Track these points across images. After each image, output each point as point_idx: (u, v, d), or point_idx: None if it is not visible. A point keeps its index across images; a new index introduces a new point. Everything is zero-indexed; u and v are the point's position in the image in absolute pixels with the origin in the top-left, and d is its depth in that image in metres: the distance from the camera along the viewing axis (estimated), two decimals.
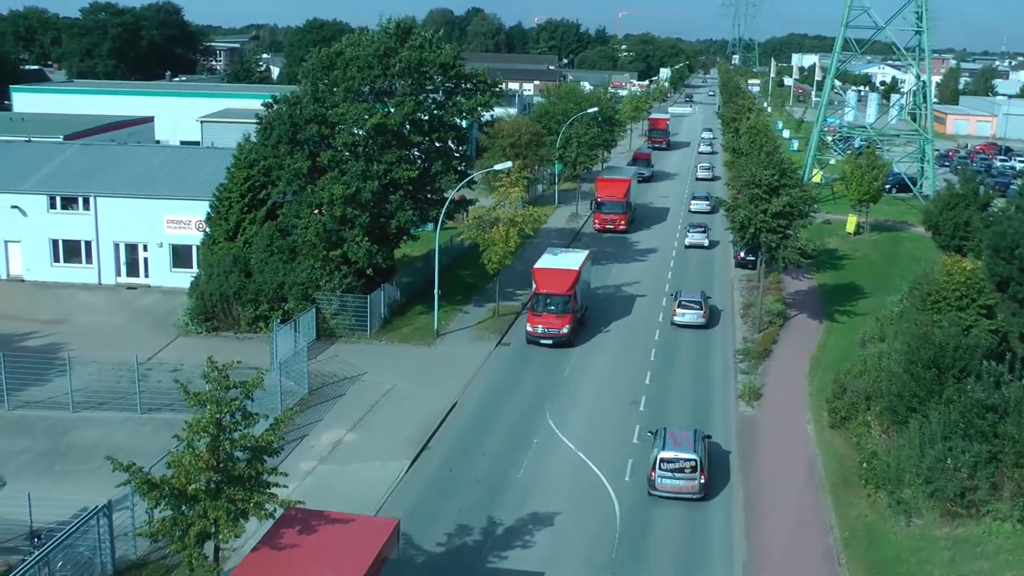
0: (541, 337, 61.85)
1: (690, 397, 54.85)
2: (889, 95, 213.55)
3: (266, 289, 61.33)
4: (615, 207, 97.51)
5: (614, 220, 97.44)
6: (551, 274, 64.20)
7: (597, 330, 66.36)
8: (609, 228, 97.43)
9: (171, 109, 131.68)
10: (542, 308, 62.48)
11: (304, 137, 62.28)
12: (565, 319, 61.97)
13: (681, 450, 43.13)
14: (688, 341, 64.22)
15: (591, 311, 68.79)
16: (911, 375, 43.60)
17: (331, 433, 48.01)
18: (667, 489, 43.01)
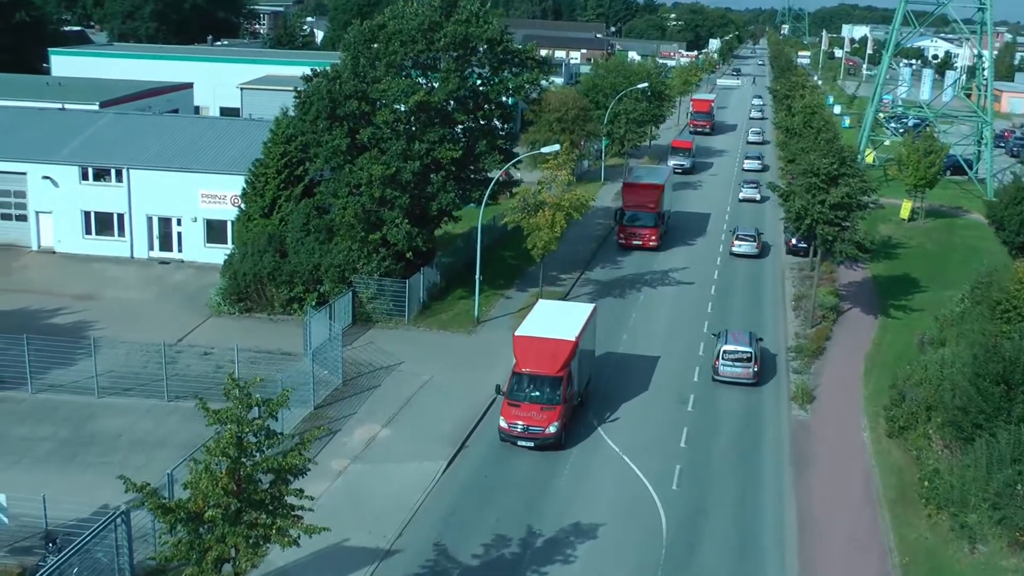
0: (519, 437, 45.02)
1: (740, 400, 52.35)
2: (943, 70, 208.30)
3: (301, 270, 59.35)
4: (644, 219, 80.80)
5: (643, 235, 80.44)
6: (537, 346, 46.70)
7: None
8: (636, 244, 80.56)
9: (211, 75, 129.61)
10: (522, 395, 45.89)
11: (343, 113, 60.10)
12: (552, 413, 44.97)
13: (740, 345, 53.86)
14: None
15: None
16: (978, 389, 41.00)
17: (365, 429, 45.99)
18: (728, 375, 53.63)
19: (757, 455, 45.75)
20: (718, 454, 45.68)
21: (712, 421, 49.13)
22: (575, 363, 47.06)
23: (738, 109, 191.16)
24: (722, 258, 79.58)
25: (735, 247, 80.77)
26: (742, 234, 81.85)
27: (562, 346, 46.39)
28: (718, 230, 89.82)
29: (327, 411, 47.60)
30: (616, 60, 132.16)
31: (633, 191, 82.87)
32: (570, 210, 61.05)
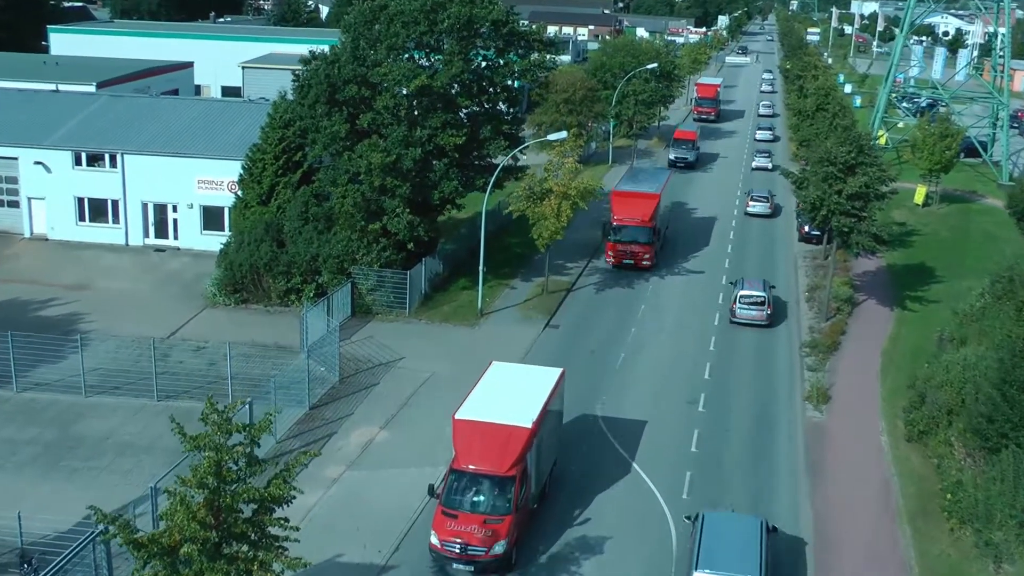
0: (456, 559, 34.53)
1: (753, 399, 50.45)
2: (955, 48, 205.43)
3: (299, 261, 57.49)
4: (637, 234, 68.14)
5: (635, 253, 68.15)
6: (482, 433, 36.31)
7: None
8: (628, 264, 68.82)
9: (213, 53, 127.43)
10: (459, 501, 35.53)
11: (343, 98, 58.02)
12: (500, 528, 34.53)
13: (754, 290, 60.49)
14: (747, 341, 59.74)
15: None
16: (1004, 396, 38.96)
17: (361, 431, 44.10)
18: (743, 317, 59.99)
19: (771, 460, 43.88)
20: (730, 460, 43.73)
21: (724, 421, 47.22)
22: (532, 455, 36.54)
23: (747, 88, 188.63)
24: (730, 259, 77.42)
25: (749, 207, 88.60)
26: (756, 195, 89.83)
27: (514, 437, 35.86)
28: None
29: (323, 411, 45.79)
30: (624, 39, 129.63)
31: (624, 202, 69.69)
32: (576, 199, 59.05)
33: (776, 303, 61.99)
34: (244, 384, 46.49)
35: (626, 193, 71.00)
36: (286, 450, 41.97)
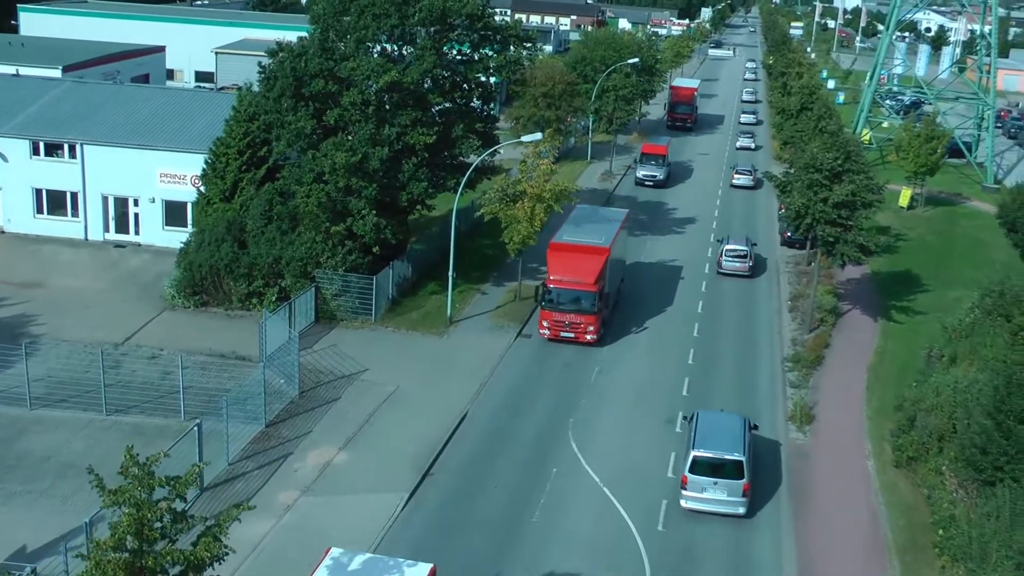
0: None
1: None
2: (940, 46, 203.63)
3: (261, 263, 54.91)
4: (578, 301, 53.66)
5: (576, 325, 53.64)
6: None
7: None
8: (567, 337, 54.21)
9: (186, 38, 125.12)
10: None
11: (309, 92, 55.33)
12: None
13: (738, 244, 69.59)
14: (728, 354, 57.53)
15: None
16: (998, 427, 36.83)
17: (319, 452, 41.59)
18: (729, 268, 68.77)
19: (753, 487, 41.52)
20: None
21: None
22: None
23: (729, 83, 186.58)
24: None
25: (735, 180, 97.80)
26: (741, 168, 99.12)
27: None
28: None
29: (280, 429, 43.25)
30: (606, 32, 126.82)
31: (562, 259, 54.85)
32: (551, 202, 56.66)
33: (757, 259, 71.33)
34: (198, 398, 44.00)
35: (565, 247, 55.75)
36: (239, 472, 39.55)
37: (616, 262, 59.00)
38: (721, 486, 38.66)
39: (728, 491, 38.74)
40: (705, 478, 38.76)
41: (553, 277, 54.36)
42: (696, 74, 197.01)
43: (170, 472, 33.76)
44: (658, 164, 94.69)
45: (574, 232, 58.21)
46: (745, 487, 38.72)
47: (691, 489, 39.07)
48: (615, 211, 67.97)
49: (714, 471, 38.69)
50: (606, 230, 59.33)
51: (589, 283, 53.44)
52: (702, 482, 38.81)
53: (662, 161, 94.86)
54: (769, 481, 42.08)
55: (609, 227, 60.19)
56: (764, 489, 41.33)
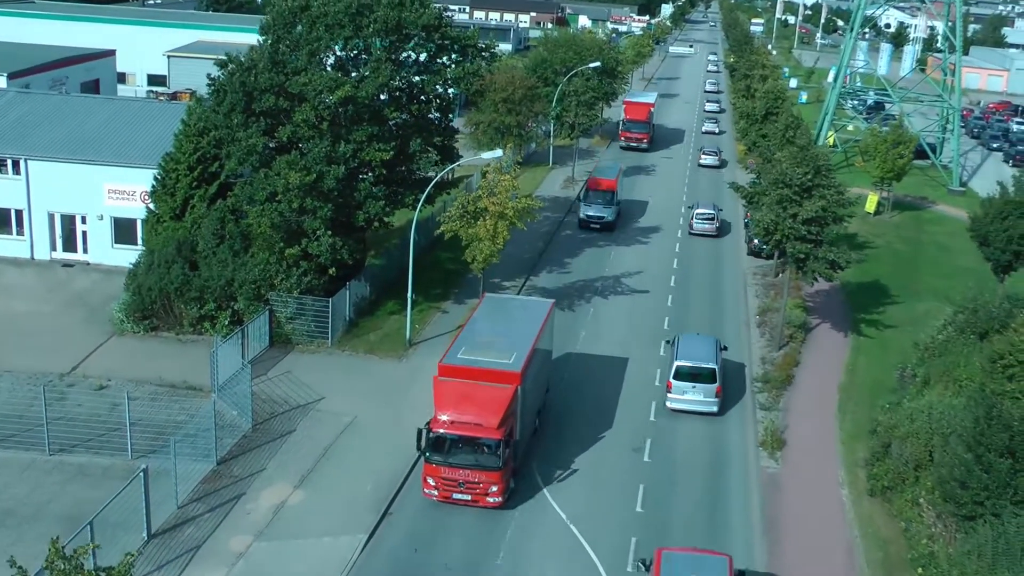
0: None
1: (703, 445, 46.73)
2: (900, 44, 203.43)
3: (213, 286, 52.84)
4: (475, 454, 39.22)
5: (472, 485, 38.96)
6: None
7: None
8: (461, 499, 39.48)
9: (137, 40, 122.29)
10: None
11: (260, 108, 53.33)
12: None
13: (706, 208, 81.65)
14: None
15: None
16: (979, 461, 35.48)
17: (273, 491, 39.69)
18: (699, 229, 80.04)
19: (724, 520, 40.13)
20: (679, 522, 39.73)
21: (671, 472, 43.39)
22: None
23: (690, 81, 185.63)
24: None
25: (702, 160, 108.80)
26: (707, 150, 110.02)
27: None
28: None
29: (232, 466, 41.29)
30: (566, 35, 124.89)
31: (454, 393, 40.18)
32: (514, 219, 55.02)
33: (724, 222, 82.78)
34: (147, 433, 42.04)
35: (459, 371, 40.94)
36: (189, 516, 37.64)
37: (536, 377, 44.48)
38: (698, 389, 48.19)
39: (704, 393, 48.33)
40: (686, 383, 48.34)
41: (442, 414, 39.74)
42: (657, 72, 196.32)
43: (113, 520, 32.27)
44: (605, 203, 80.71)
45: (473, 346, 43.08)
46: (717, 390, 48.36)
47: (675, 392, 48.61)
48: (538, 302, 52.26)
49: (693, 378, 48.23)
50: (521, 339, 44.19)
51: (492, 426, 38.93)
52: (683, 387, 48.37)
53: (610, 199, 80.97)
54: (740, 515, 40.63)
55: (526, 331, 45.32)
56: (735, 525, 39.90)
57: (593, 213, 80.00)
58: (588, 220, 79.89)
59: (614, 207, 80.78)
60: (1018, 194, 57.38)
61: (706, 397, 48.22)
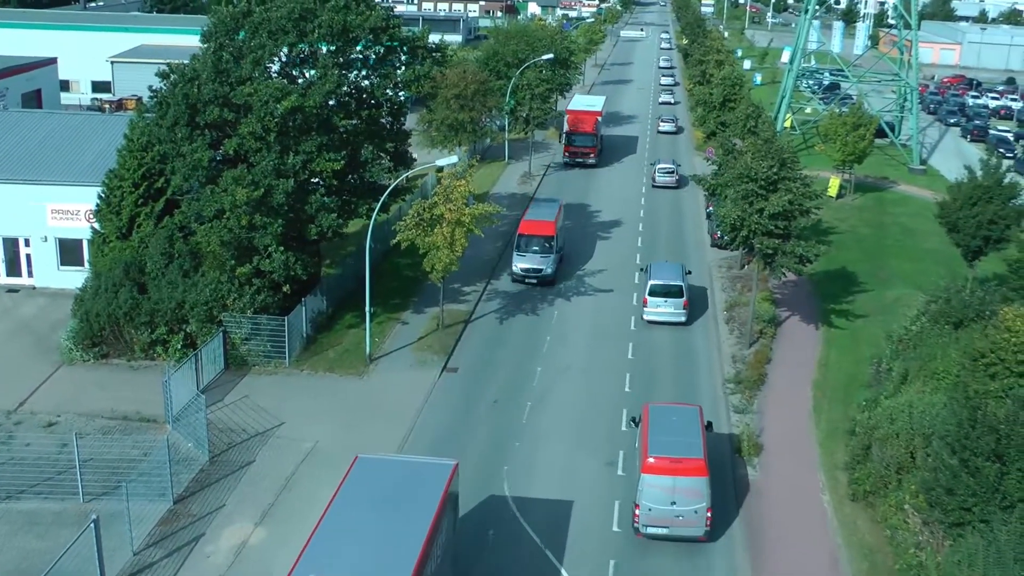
0: None
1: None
2: (852, 20, 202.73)
3: (163, 309, 50.84)
4: None
5: None
6: None
7: None
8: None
9: (80, 46, 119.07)
10: None
11: (204, 121, 51.33)
12: None
13: (667, 164, 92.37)
14: (666, 375, 54.61)
15: None
16: (965, 465, 34.24)
17: (234, 530, 37.87)
18: (661, 182, 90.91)
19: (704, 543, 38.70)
20: (659, 543, 38.32)
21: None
22: None
23: (642, 68, 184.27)
24: None
25: (660, 127, 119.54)
26: (665, 118, 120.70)
27: None
28: None
29: (190, 504, 39.39)
30: (516, 26, 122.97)
31: None
32: (471, 226, 53.34)
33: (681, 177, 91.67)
34: (99, 472, 40.07)
35: None
36: (146, 563, 35.77)
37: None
38: (669, 303, 58.11)
39: (674, 306, 58.25)
40: (659, 299, 58.21)
41: None
42: (610, 58, 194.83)
43: (67, 573, 30.41)
44: (543, 251, 65.17)
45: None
46: (684, 303, 58.21)
47: (650, 307, 58.55)
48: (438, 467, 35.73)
49: (665, 294, 58.11)
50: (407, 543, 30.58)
51: None
52: (657, 301, 58.27)
53: (548, 245, 65.45)
54: (721, 527, 39.21)
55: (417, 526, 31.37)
56: (718, 534, 38.49)
57: (528, 265, 64.48)
58: (523, 275, 64.73)
59: (553, 255, 65.48)
60: (986, 178, 56.24)
61: (675, 310, 58.15)
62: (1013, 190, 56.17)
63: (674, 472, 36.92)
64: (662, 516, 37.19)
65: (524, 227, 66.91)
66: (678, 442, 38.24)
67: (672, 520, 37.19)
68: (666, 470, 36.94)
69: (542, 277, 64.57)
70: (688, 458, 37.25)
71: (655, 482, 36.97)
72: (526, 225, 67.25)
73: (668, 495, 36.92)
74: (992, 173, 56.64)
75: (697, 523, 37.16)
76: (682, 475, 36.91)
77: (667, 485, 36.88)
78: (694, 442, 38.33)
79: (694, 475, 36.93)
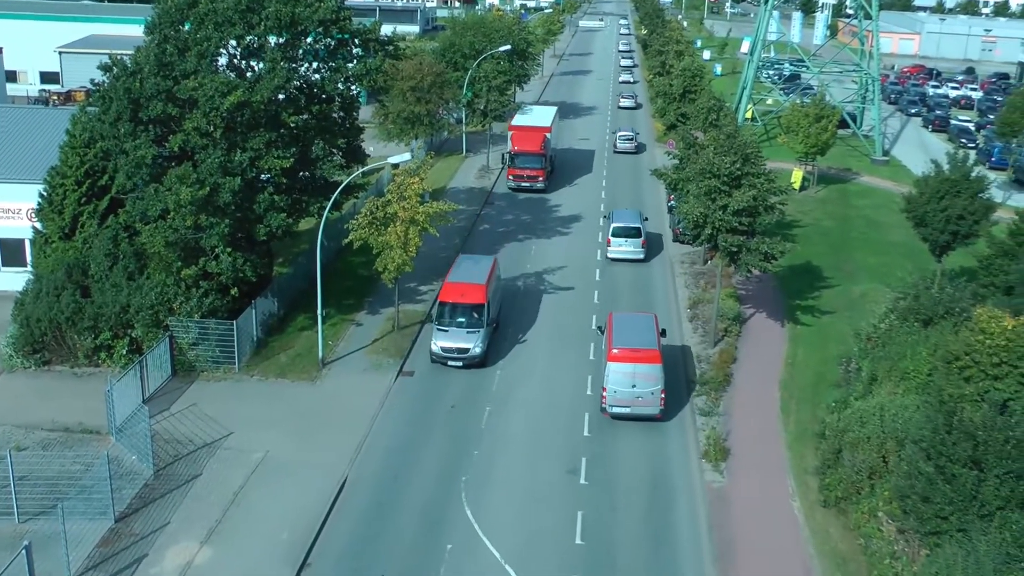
0: None
1: (642, 460, 43.79)
2: (809, 11, 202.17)
3: (107, 313, 48.76)
4: None
5: None
6: None
7: None
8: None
9: (27, 35, 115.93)
10: None
11: (147, 117, 49.31)
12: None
13: (626, 131, 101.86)
14: None
15: None
16: (941, 473, 32.92)
17: (179, 549, 35.91)
18: (621, 148, 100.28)
19: (671, 548, 37.25)
20: (624, 556, 36.74)
21: (611, 496, 40.29)
22: None
23: (601, 59, 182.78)
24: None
25: (621, 103, 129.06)
26: (625, 94, 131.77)
27: None
28: None
29: (133, 522, 37.29)
30: (474, 17, 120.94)
31: None
32: (425, 224, 51.59)
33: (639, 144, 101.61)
34: (37, 488, 38.01)
35: None
36: None
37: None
38: (629, 242, 67.33)
39: (633, 245, 67.51)
40: (620, 239, 67.49)
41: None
42: (568, 49, 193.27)
43: None
44: (470, 323, 51.60)
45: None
46: (643, 242, 67.53)
47: (613, 246, 67.70)
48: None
49: (625, 234, 67.39)
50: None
51: None
52: (619, 241, 67.51)
53: (477, 317, 51.65)
54: (689, 540, 37.77)
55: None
56: (684, 552, 37.03)
57: (450, 344, 50.77)
58: (443, 356, 50.93)
59: (483, 330, 51.53)
60: (953, 172, 54.99)
61: (635, 248, 67.39)
62: (980, 184, 54.97)
63: (634, 360, 44.74)
64: (625, 397, 44.92)
65: (446, 292, 52.85)
66: (638, 338, 46.28)
67: (633, 400, 44.96)
68: (628, 358, 44.84)
69: (469, 359, 50.70)
70: (645, 349, 45.43)
71: (619, 368, 44.68)
72: (449, 290, 52.89)
73: (630, 379, 44.64)
74: (959, 167, 55.41)
75: (653, 403, 45.05)
76: (641, 362, 44.66)
77: (628, 371, 44.58)
78: (651, 338, 46.57)
79: (651, 362, 44.82)
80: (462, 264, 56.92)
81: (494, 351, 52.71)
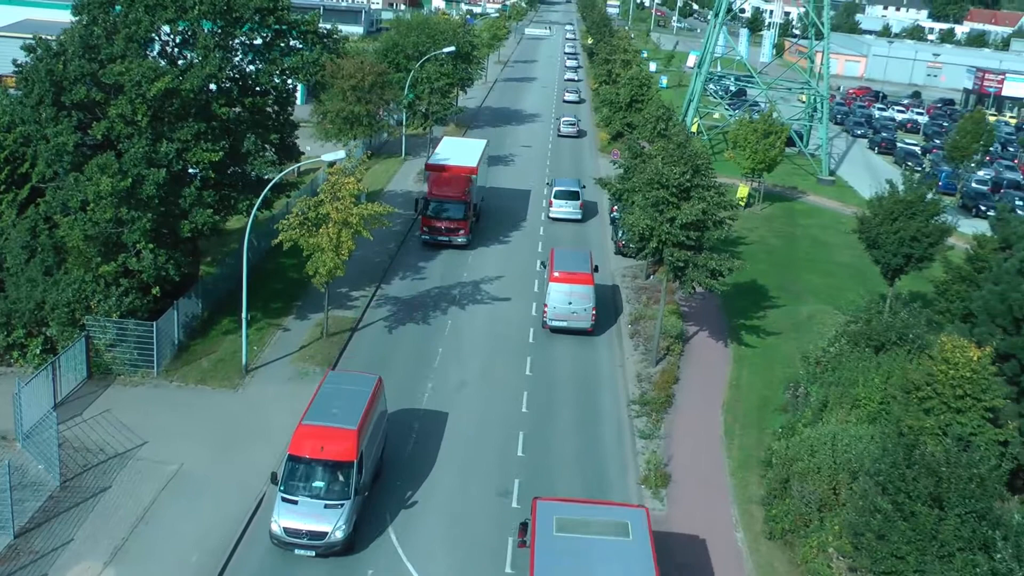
0: None
1: (577, 483, 41.61)
2: (758, 28, 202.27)
3: (21, 309, 45.76)
4: None
5: None
6: None
7: None
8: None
9: None
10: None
11: (70, 101, 46.50)
12: None
13: (569, 118, 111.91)
14: (567, 395, 50.99)
15: None
16: (899, 510, 31.06)
17: (80, 570, 33.06)
18: (565, 133, 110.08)
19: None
20: None
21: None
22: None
23: (547, 67, 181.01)
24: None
25: (566, 97, 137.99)
26: (570, 88, 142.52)
27: None
28: None
29: (33, 538, 34.40)
30: (418, 17, 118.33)
31: None
32: (359, 227, 49.09)
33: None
34: None
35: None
36: None
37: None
38: (568, 204, 77.04)
39: (572, 207, 77.14)
40: (561, 200, 77.11)
41: None
42: (513, 55, 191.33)
43: None
44: (330, 492, 35.63)
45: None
46: (580, 204, 77.28)
47: (555, 207, 77.37)
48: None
49: (565, 196, 77.06)
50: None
51: None
52: (559, 203, 77.04)
53: (341, 481, 35.71)
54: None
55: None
56: None
57: (296, 523, 34.69)
58: (289, 541, 34.76)
59: (348, 503, 35.32)
60: (908, 193, 53.43)
61: (573, 209, 76.98)
62: (936, 206, 53.45)
63: (571, 281, 53.73)
64: (563, 313, 53.93)
65: (299, 440, 36.54)
66: (575, 265, 55.41)
67: (569, 316, 53.98)
68: (566, 280, 53.84)
69: (326, 547, 34.63)
70: (580, 272, 54.59)
71: (558, 288, 53.64)
72: (304, 437, 36.61)
73: (567, 297, 53.65)
74: (914, 188, 53.88)
75: (586, 318, 54.13)
76: (576, 283, 53.71)
77: (566, 290, 53.61)
78: (586, 266, 55.53)
79: (584, 284, 53.91)
80: (325, 393, 39.52)
81: (427, 363, 50.33)
